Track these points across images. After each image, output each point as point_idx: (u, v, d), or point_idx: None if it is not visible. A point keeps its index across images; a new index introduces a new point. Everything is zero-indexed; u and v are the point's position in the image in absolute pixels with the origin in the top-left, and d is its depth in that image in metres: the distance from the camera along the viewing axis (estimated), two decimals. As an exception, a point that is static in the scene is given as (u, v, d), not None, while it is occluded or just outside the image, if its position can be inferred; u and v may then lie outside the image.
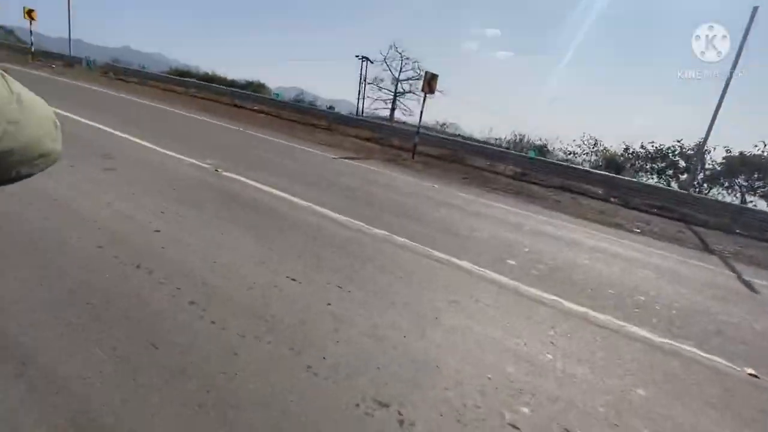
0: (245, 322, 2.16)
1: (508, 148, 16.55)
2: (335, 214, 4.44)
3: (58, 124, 0.51)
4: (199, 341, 1.95)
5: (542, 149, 17.71)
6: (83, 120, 7.19)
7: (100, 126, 6.94)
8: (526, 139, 19.87)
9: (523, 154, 13.27)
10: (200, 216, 3.66)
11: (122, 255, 2.64)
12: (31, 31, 24.36)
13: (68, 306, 2.03)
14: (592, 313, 3.17)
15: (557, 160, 15.45)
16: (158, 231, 3.14)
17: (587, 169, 13.38)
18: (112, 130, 6.76)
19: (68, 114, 7.31)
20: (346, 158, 9.44)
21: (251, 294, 2.47)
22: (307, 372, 1.87)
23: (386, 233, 4.13)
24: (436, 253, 3.82)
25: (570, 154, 18.88)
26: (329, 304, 2.52)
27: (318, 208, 4.57)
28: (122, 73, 22.35)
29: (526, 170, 11.81)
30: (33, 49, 22.77)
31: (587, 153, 18.68)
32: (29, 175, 0.48)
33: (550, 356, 2.41)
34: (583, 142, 18.81)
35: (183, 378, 1.69)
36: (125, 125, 7.36)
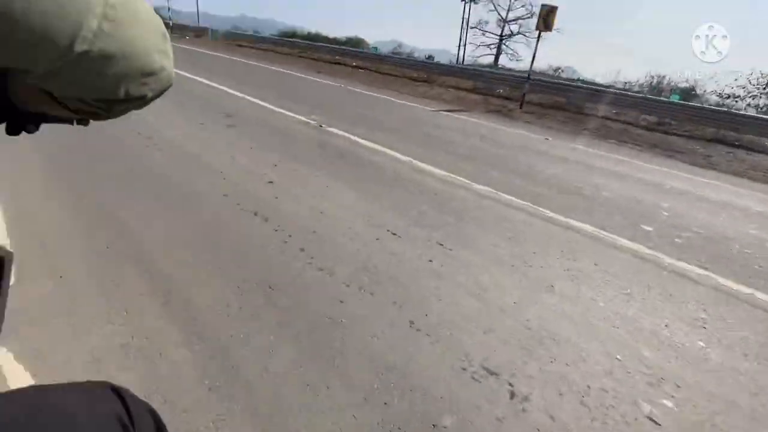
0: (349, 271, 2.19)
1: (639, 92, 13.87)
2: (435, 169, 4.24)
3: (167, 35, 0.40)
4: (308, 286, 2.03)
5: (689, 92, 14.44)
6: (207, 82, 8.04)
7: (221, 87, 7.69)
8: (666, 82, 16.40)
9: (662, 98, 10.94)
10: (307, 169, 3.81)
11: (243, 203, 2.89)
12: (169, 8, 28.08)
13: (202, 246, 2.29)
14: (759, 294, 2.51)
15: (709, 104, 12.46)
16: (271, 182, 3.35)
17: (754, 115, 10.52)
18: (229, 90, 7.45)
19: (197, 78, 8.25)
20: (446, 111, 8.95)
21: (355, 245, 2.50)
22: (410, 327, 1.82)
23: (491, 190, 3.80)
24: (550, 214, 3.39)
25: (728, 97, 15.09)
26: (431, 261, 2.42)
27: (418, 163, 4.41)
28: (239, 38, 24.44)
29: (664, 119, 9.79)
30: (171, 23, 26.13)
31: (754, 96, 14.71)
32: (142, 98, 0.38)
33: (701, 343, 1.96)
34: (750, 82, 14.79)
35: (294, 319, 1.78)
36: (240, 85, 8.05)
